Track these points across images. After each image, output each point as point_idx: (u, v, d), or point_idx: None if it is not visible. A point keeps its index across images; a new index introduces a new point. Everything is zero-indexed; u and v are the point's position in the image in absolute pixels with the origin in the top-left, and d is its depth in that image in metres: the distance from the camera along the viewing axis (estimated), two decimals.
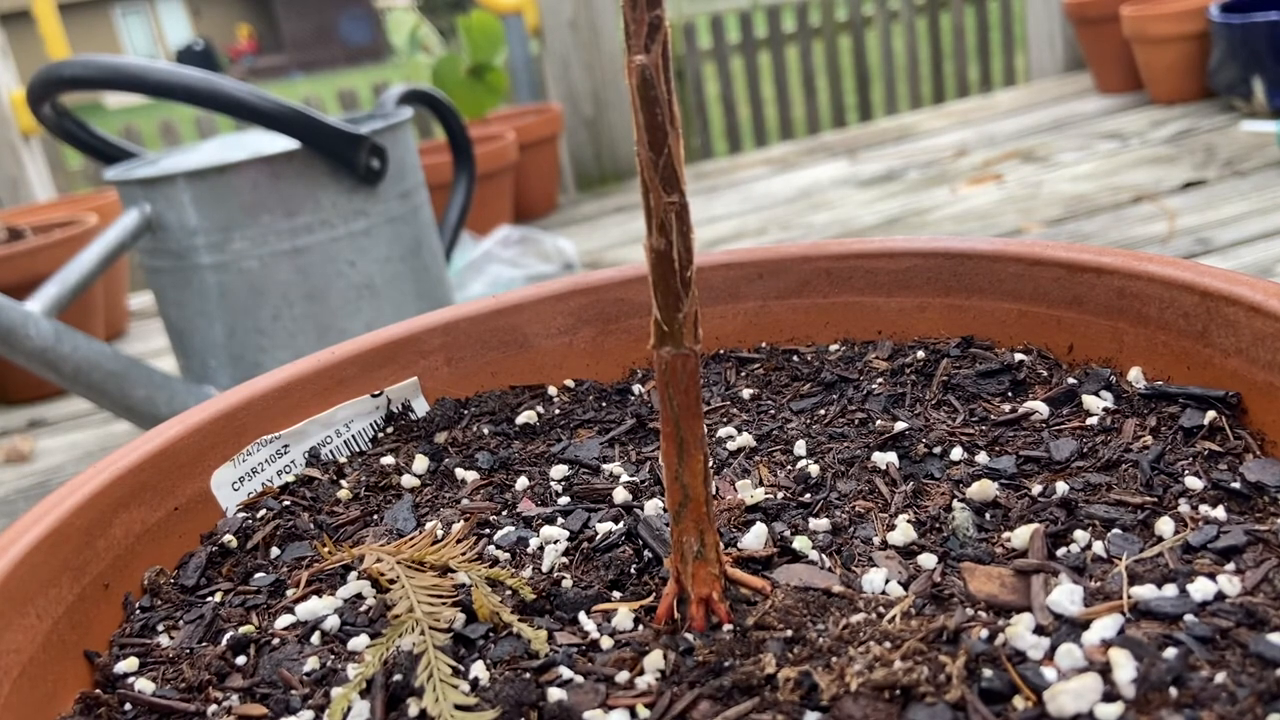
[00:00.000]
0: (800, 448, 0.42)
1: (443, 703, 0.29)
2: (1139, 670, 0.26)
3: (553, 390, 0.53)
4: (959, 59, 4.14)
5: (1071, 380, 0.43)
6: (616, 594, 0.35)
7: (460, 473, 0.46)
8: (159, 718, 0.32)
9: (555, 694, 0.29)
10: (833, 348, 0.52)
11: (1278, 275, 1.13)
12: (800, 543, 0.35)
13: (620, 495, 0.41)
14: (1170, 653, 0.27)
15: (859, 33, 4.02)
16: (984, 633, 0.29)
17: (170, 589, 0.39)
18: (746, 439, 0.44)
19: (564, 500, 0.42)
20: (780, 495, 0.39)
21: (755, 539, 0.36)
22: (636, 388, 0.52)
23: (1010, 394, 0.44)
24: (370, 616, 0.36)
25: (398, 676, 0.31)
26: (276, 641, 0.35)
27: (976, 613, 0.30)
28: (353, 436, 0.50)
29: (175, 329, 0.93)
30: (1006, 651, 0.28)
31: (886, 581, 0.33)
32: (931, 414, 0.44)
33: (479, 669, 0.31)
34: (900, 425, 0.42)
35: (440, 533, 0.40)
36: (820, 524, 0.36)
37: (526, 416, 0.50)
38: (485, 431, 0.50)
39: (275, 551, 0.41)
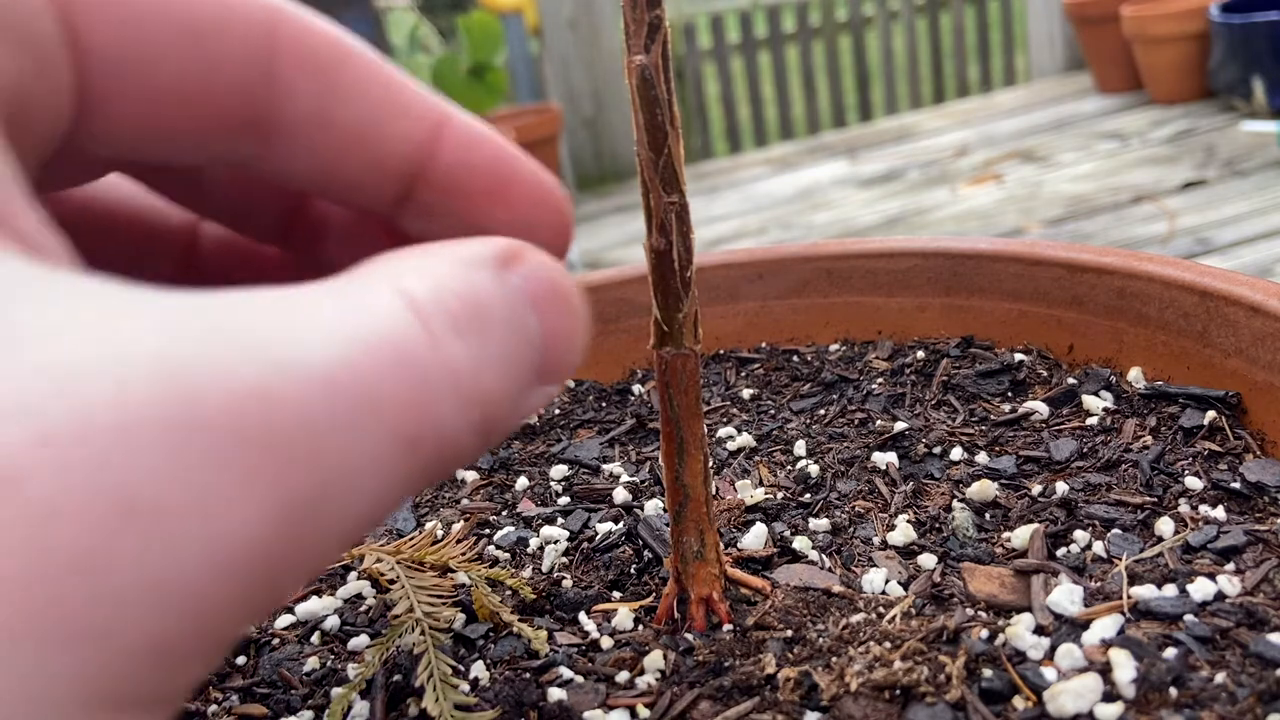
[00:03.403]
0: (800, 448, 0.42)
1: (443, 703, 0.29)
2: (1139, 670, 0.26)
3: None
4: (959, 59, 4.14)
5: (1071, 380, 0.43)
6: (616, 594, 0.35)
7: (460, 473, 0.46)
8: None
9: (555, 694, 0.29)
10: (833, 348, 0.52)
11: (1278, 275, 1.13)
12: (800, 543, 0.35)
13: (620, 495, 0.41)
14: (1170, 653, 0.27)
15: (859, 33, 4.02)
16: (984, 633, 0.29)
17: None
18: (746, 439, 0.44)
19: (564, 500, 0.42)
20: (780, 495, 0.39)
21: (755, 539, 0.36)
22: (636, 388, 0.52)
23: (1010, 394, 0.44)
24: (370, 616, 0.36)
25: (398, 676, 0.31)
26: (276, 641, 0.35)
27: (976, 613, 0.30)
28: None
29: None
30: (1006, 651, 0.28)
31: (886, 581, 0.33)
32: (931, 414, 0.44)
33: (479, 669, 0.31)
34: (900, 425, 0.42)
35: (440, 533, 0.41)
36: (820, 524, 0.36)
37: None
38: None
39: None
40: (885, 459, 0.40)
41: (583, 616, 0.33)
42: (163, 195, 0.26)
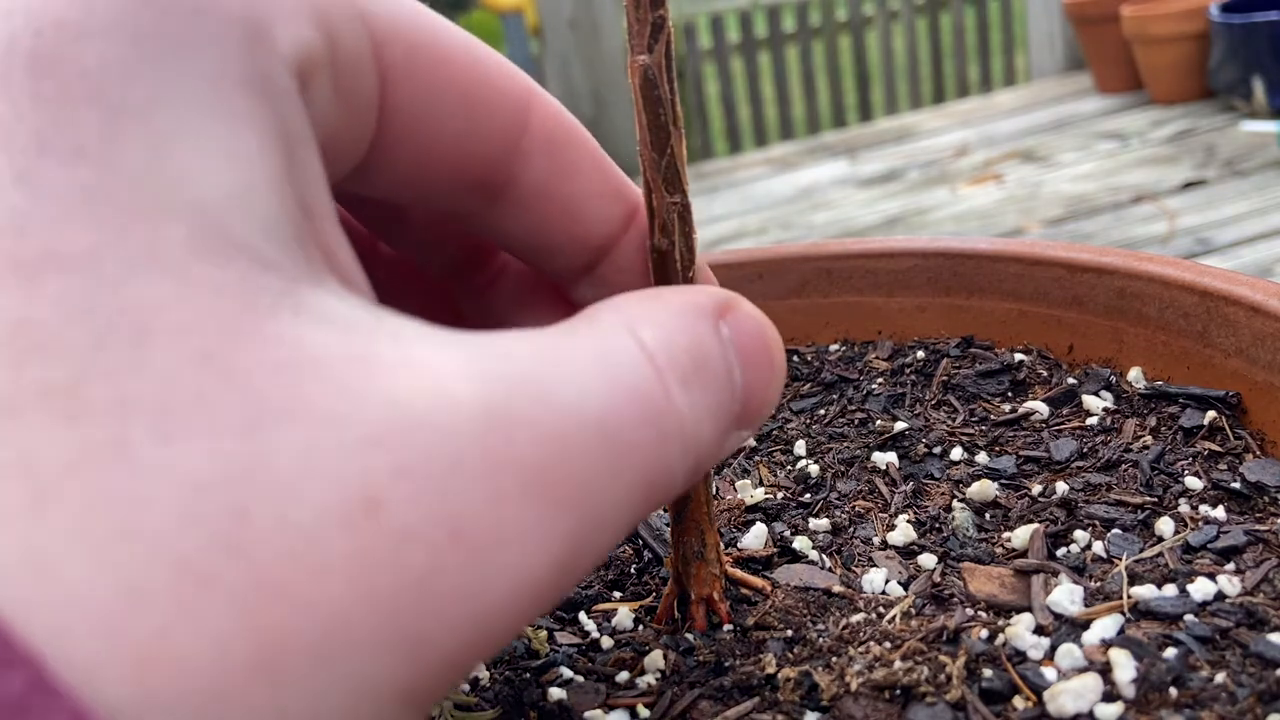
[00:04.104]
0: (800, 448, 0.43)
1: (443, 702, 0.29)
2: (1139, 670, 0.26)
3: None
4: (959, 59, 4.14)
5: (1071, 380, 0.43)
6: (616, 594, 0.35)
7: None
8: None
9: (555, 694, 0.29)
10: (833, 348, 0.52)
11: (1278, 275, 1.13)
12: (800, 543, 0.35)
13: None
14: (1170, 653, 0.27)
15: (859, 33, 4.02)
16: (984, 633, 0.29)
17: None
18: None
19: None
20: (780, 495, 0.39)
21: (755, 539, 0.36)
22: None
23: (1010, 394, 0.44)
24: None
25: None
26: None
27: (976, 613, 0.30)
28: None
29: None
30: (1006, 651, 0.28)
31: (886, 581, 0.33)
32: (931, 414, 0.44)
33: (479, 669, 0.31)
34: (900, 425, 0.42)
35: None
36: (820, 524, 0.36)
37: None
38: None
39: None
40: (885, 459, 0.40)
41: (583, 616, 0.34)
42: (363, 221, 0.28)
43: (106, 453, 0.13)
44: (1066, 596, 0.30)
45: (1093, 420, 0.40)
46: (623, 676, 0.30)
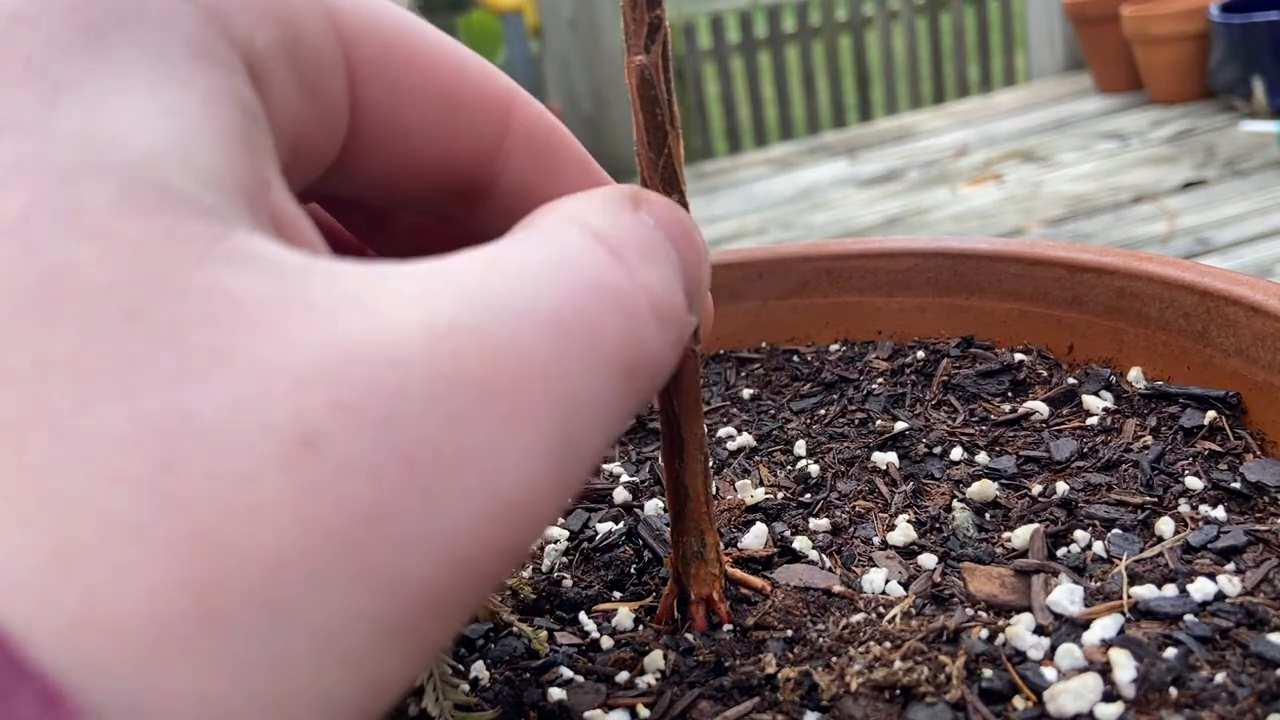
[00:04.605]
0: (800, 448, 0.42)
1: (443, 702, 0.29)
2: (1139, 670, 0.26)
3: None
4: (959, 59, 4.14)
5: (1071, 380, 0.43)
6: (616, 594, 0.35)
7: None
8: None
9: (555, 694, 0.29)
10: (833, 348, 0.52)
11: (1278, 275, 1.13)
12: (800, 543, 0.35)
13: (620, 495, 0.41)
14: (1170, 653, 0.27)
15: (859, 33, 4.02)
16: (984, 633, 0.29)
17: None
18: (746, 439, 0.44)
19: None
20: (780, 495, 0.39)
21: (755, 539, 0.36)
22: None
23: (1010, 394, 0.44)
24: None
25: None
26: None
27: (976, 613, 0.30)
28: None
29: None
30: (1006, 651, 0.28)
31: (886, 581, 0.33)
32: (931, 414, 0.44)
33: (479, 669, 0.31)
34: (900, 425, 0.42)
35: None
36: (820, 524, 0.36)
37: None
38: None
39: None
40: (885, 459, 0.40)
41: (583, 616, 0.33)
42: (349, 226, 0.28)
43: (28, 421, 0.13)
44: (1066, 596, 0.30)
45: (1093, 420, 0.40)
46: (623, 676, 0.30)
